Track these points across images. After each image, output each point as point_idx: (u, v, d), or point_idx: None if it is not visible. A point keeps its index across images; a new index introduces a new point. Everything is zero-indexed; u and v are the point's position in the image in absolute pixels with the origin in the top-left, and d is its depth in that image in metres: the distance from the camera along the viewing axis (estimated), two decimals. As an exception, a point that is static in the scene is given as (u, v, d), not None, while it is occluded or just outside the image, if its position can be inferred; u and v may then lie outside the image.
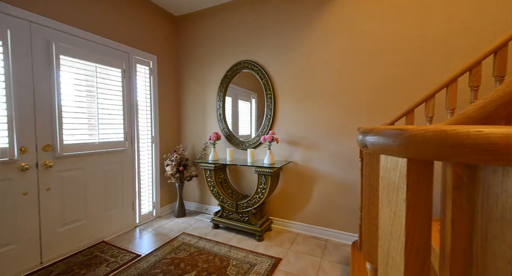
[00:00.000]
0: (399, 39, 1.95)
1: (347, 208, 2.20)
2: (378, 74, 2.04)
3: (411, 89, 1.93)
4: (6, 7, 1.58)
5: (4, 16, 1.58)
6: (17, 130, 1.63)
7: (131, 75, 2.45)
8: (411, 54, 1.92)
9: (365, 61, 2.08)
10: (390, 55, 1.99)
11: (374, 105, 2.07)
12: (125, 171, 2.42)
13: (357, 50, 2.10)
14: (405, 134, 0.32)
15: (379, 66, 2.03)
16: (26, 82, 1.68)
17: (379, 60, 2.03)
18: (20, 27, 1.66)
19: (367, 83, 2.08)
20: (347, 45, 2.13)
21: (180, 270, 1.76)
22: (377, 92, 2.05)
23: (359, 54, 2.09)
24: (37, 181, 1.75)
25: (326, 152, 2.27)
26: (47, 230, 1.82)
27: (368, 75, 2.07)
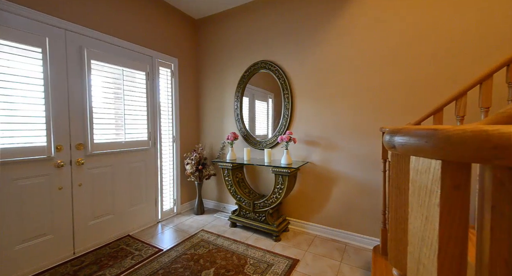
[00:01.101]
0: (425, 34, 1.84)
1: (367, 211, 2.12)
2: (401, 71, 1.94)
3: (437, 87, 1.82)
4: (45, 17, 1.73)
5: (44, 25, 1.73)
6: (54, 130, 1.79)
7: (154, 78, 2.56)
8: (437, 50, 1.80)
9: (387, 58, 1.98)
10: (414, 51, 1.88)
11: (396, 104, 1.97)
12: (148, 169, 2.54)
13: (379, 47, 2.01)
14: (440, 135, 0.30)
15: (402, 63, 1.93)
16: (62, 86, 1.83)
17: (402, 57, 1.93)
18: (57, 35, 1.81)
19: (389, 81, 1.98)
20: (368, 42, 2.05)
21: (200, 266, 1.81)
22: (400, 90, 1.95)
23: (381, 51, 2.00)
24: (71, 177, 1.90)
25: (345, 153, 2.20)
26: (79, 223, 1.97)
27: (390, 73, 1.98)
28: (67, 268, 1.77)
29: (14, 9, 1.58)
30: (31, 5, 1.67)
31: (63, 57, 1.84)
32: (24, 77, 1.63)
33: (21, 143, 1.62)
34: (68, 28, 1.86)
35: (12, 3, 1.57)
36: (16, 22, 1.60)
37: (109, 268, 1.78)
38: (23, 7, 1.62)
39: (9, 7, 1.56)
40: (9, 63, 1.56)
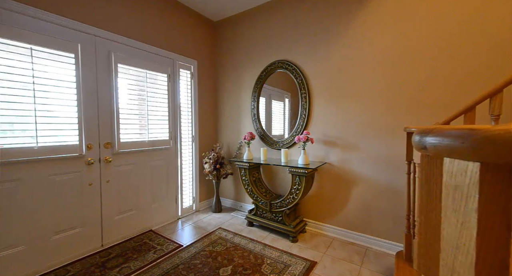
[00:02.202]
0: (449, 31, 1.72)
1: (390, 215, 2.03)
2: (427, 68, 1.83)
3: (463, 85, 1.69)
4: (77, 24, 1.86)
5: (76, 32, 1.87)
6: (85, 130, 1.92)
7: (175, 79, 2.66)
8: (469, 45, 1.67)
9: (412, 54, 1.88)
10: (439, 48, 1.77)
11: (420, 103, 1.86)
12: (169, 167, 2.64)
13: (403, 43, 1.91)
14: (479, 135, 0.28)
15: (428, 60, 1.82)
16: (92, 88, 1.96)
17: (429, 53, 1.82)
18: (88, 41, 1.94)
19: (414, 78, 1.88)
20: (391, 38, 1.96)
21: (218, 263, 1.85)
22: (425, 88, 1.84)
23: (406, 48, 1.90)
24: (100, 174, 2.04)
25: (365, 154, 2.13)
26: (106, 217, 2.10)
27: (414, 70, 1.87)
28: (96, 259, 1.90)
29: (51, 18, 1.73)
30: (65, 14, 1.80)
31: (93, 61, 1.97)
32: (59, 81, 1.77)
33: (56, 142, 1.77)
34: (98, 34, 1.99)
35: (48, 13, 1.71)
36: (52, 30, 1.74)
37: (133, 261, 1.88)
38: (59, 16, 1.76)
39: (47, 17, 1.70)
40: (47, 68, 1.70)
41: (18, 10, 1.58)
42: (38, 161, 1.68)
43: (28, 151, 1.63)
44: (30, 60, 1.62)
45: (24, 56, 1.60)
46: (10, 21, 1.55)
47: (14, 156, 1.57)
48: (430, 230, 0.44)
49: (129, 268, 1.79)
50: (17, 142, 1.59)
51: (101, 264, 1.83)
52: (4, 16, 1.53)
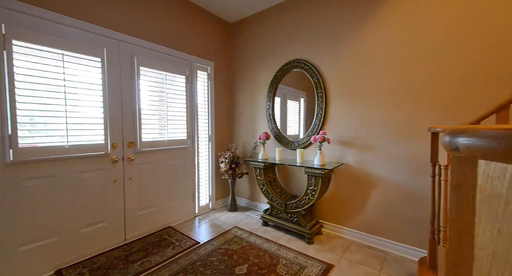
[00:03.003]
0: (477, 25, 1.60)
1: (411, 219, 1.94)
2: (450, 66, 1.72)
3: (492, 84, 1.57)
4: (103, 30, 1.98)
5: (103, 38, 1.98)
6: (110, 130, 2.03)
7: (193, 81, 2.73)
8: (493, 42, 1.55)
9: (437, 50, 1.78)
10: (464, 44, 1.65)
11: (445, 102, 1.76)
12: (187, 166, 2.72)
13: (425, 39, 1.82)
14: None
15: (454, 55, 1.72)
16: (116, 91, 2.07)
17: (451, 51, 1.72)
18: (113, 45, 2.05)
19: (437, 76, 1.78)
20: (414, 33, 1.87)
21: (233, 261, 1.87)
22: (450, 86, 1.73)
23: (429, 44, 1.81)
24: (123, 172, 2.14)
25: (385, 155, 2.05)
26: (129, 212, 2.21)
27: (439, 66, 1.77)
28: (120, 253, 2.00)
29: (81, 25, 1.85)
30: (92, 20, 1.92)
31: (117, 65, 2.07)
32: (87, 83, 1.89)
33: (84, 141, 1.89)
34: (122, 39, 2.10)
35: (79, 20, 1.83)
36: (82, 36, 1.86)
37: (153, 256, 1.96)
38: (87, 23, 1.88)
39: (78, 24, 1.83)
40: (76, 72, 1.82)
41: (52, 19, 1.71)
42: (68, 159, 1.81)
43: (60, 150, 1.75)
44: (61, 64, 1.75)
45: (57, 61, 1.73)
46: (46, 29, 1.68)
47: (47, 154, 1.70)
48: (462, 236, 0.42)
49: (150, 262, 1.87)
50: (50, 141, 1.71)
51: (124, 258, 1.93)
52: (40, 25, 1.66)
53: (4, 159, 1.53)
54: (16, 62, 1.56)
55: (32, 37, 1.62)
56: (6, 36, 1.51)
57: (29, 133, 1.64)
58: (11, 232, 1.57)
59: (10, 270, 1.57)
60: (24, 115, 1.60)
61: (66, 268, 1.77)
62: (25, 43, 1.59)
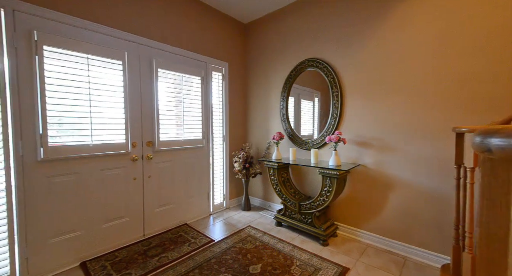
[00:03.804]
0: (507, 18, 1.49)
1: (433, 224, 1.85)
2: (476, 63, 1.62)
3: None
4: (125, 34, 2.07)
5: (124, 42, 2.07)
6: (130, 129, 2.12)
7: (208, 82, 2.78)
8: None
9: (463, 47, 1.69)
10: (495, 40, 1.55)
11: (471, 100, 1.66)
12: (202, 165, 2.78)
13: (446, 36, 1.73)
14: None
15: (477, 53, 1.62)
16: (136, 92, 2.16)
17: (478, 47, 1.61)
18: (133, 49, 2.14)
19: (461, 74, 1.68)
20: (433, 32, 1.78)
21: (247, 260, 1.89)
22: (474, 84, 1.63)
23: (456, 39, 1.71)
24: (142, 170, 2.23)
25: (405, 156, 1.97)
26: (148, 209, 2.29)
27: (468, 62, 1.68)
28: (139, 247, 2.09)
29: (104, 30, 1.94)
30: (115, 25, 2.01)
31: (137, 67, 2.16)
32: (110, 85, 1.98)
33: (107, 140, 1.98)
34: (141, 42, 2.18)
35: (102, 25, 1.93)
36: (105, 40, 1.96)
37: (170, 252, 2.02)
38: (110, 27, 1.97)
39: (101, 29, 1.92)
40: (99, 74, 1.92)
41: (79, 25, 1.81)
42: (92, 157, 1.91)
43: (85, 148, 1.85)
44: (86, 68, 1.85)
45: (82, 64, 1.83)
46: (72, 35, 1.79)
47: (74, 152, 1.80)
48: (494, 243, 0.40)
49: (167, 258, 1.93)
50: (76, 140, 1.82)
51: (143, 252, 2.01)
52: (68, 31, 1.77)
53: (35, 157, 1.65)
54: (46, 66, 1.67)
55: (61, 42, 1.72)
56: (38, 42, 1.62)
57: (57, 132, 1.75)
58: (42, 225, 1.69)
59: (42, 260, 1.69)
60: (53, 115, 1.71)
61: (90, 261, 1.88)
62: (54, 48, 1.70)
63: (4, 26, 1.51)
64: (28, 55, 1.60)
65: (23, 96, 1.59)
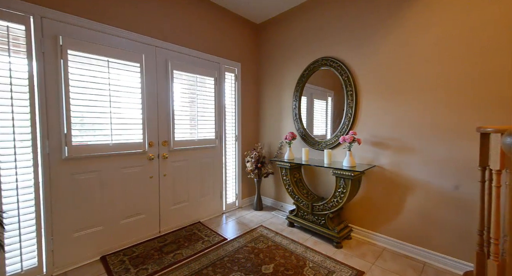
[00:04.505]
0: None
1: (454, 228, 1.77)
2: (502, 59, 1.53)
3: None
4: (142, 37, 2.14)
5: (142, 45, 2.15)
6: (147, 129, 2.19)
7: (221, 82, 2.82)
8: None
9: (488, 43, 1.59)
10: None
11: (498, 99, 1.56)
12: (215, 165, 2.82)
13: (475, 31, 1.64)
14: None
15: (504, 49, 1.52)
16: (152, 93, 2.22)
17: (504, 42, 1.52)
18: (150, 51, 2.21)
19: (489, 72, 1.59)
20: (461, 25, 1.70)
21: (260, 260, 1.90)
22: (500, 81, 1.54)
23: (479, 37, 1.63)
24: (158, 168, 2.30)
25: (424, 157, 1.90)
26: (164, 206, 2.36)
27: (489, 61, 1.58)
28: (155, 244, 2.16)
29: (123, 34, 2.02)
30: (133, 29, 2.09)
31: (153, 69, 2.23)
32: (128, 87, 2.06)
33: (126, 140, 2.06)
34: (157, 45, 2.25)
35: (121, 29, 2.01)
36: (124, 44, 2.04)
37: (185, 249, 2.07)
38: (129, 31, 2.05)
39: (120, 33, 2.00)
40: (119, 76, 2.00)
41: (100, 29, 1.90)
42: (112, 155, 1.99)
43: (105, 147, 1.94)
44: (107, 70, 1.93)
45: (103, 67, 1.91)
46: (94, 39, 1.88)
47: (95, 151, 1.89)
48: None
49: (181, 254, 1.98)
50: (97, 140, 1.91)
51: (159, 249, 2.07)
52: (90, 35, 1.86)
53: (60, 156, 1.75)
54: (70, 69, 1.76)
55: (83, 47, 1.81)
56: (63, 46, 1.72)
57: (79, 132, 1.84)
58: (66, 219, 1.79)
59: (66, 253, 1.79)
60: (76, 116, 1.80)
61: (110, 255, 1.96)
62: (78, 52, 1.79)
63: (33, 32, 1.61)
64: (54, 59, 1.70)
65: (50, 98, 1.69)
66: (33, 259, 1.65)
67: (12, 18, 1.54)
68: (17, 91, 1.57)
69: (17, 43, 1.56)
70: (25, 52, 1.59)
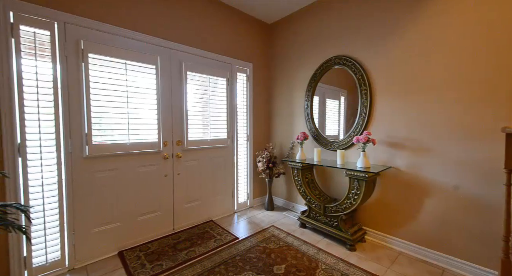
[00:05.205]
0: None
1: (478, 234, 1.68)
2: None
3: None
4: (158, 40, 2.20)
5: (157, 47, 2.21)
6: (162, 129, 2.25)
7: (233, 83, 2.84)
8: None
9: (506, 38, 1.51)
10: None
11: None
12: (227, 164, 2.85)
13: (503, 23, 1.55)
14: None
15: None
16: (167, 94, 2.28)
17: None
18: (165, 54, 2.26)
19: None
20: (485, 17, 1.61)
21: (271, 260, 1.90)
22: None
23: (506, 29, 1.54)
24: (172, 167, 2.36)
25: (443, 158, 1.82)
26: (177, 204, 2.42)
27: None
28: (169, 241, 2.21)
29: (140, 37, 2.09)
30: (149, 32, 2.15)
31: (168, 71, 2.29)
32: (144, 88, 2.12)
33: (142, 139, 2.13)
34: (172, 47, 2.30)
35: (138, 33, 2.08)
36: (141, 47, 2.10)
37: (198, 246, 2.11)
38: (145, 34, 2.12)
39: (137, 36, 2.07)
40: (135, 78, 2.07)
41: (119, 33, 1.97)
42: (129, 155, 2.07)
43: (123, 146, 2.01)
44: (124, 72, 2.00)
45: (121, 69, 1.98)
46: (113, 43, 1.95)
47: (113, 150, 1.97)
48: None
49: (195, 252, 2.02)
50: (115, 139, 1.98)
51: (173, 245, 2.12)
52: (109, 39, 1.94)
53: (81, 154, 1.83)
54: (91, 72, 1.84)
55: (103, 50, 1.89)
56: (84, 50, 1.80)
57: (98, 132, 1.92)
58: (87, 215, 1.88)
59: (86, 247, 1.88)
60: (95, 116, 1.88)
61: (127, 250, 2.04)
62: (98, 55, 1.87)
63: (57, 37, 1.70)
64: (76, 62, 1.79)
65: (72, 99, 1.78)
66: (56, 252, 1.75)
67: (39, 25, 1.63)
68: (42, 93, 1.66)
69: (42, 47, 1.66)
70: (50, 56, 1.68)
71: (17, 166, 1.57)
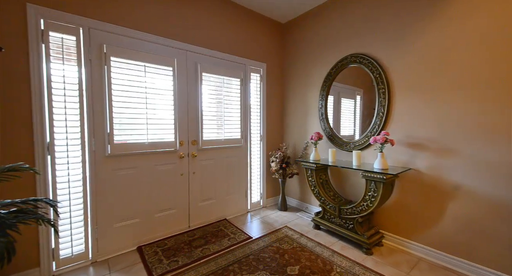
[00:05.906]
0: None
1: (506, 241, 1.58)
2: None
3: None
4: (175, 43, 2.26)
5: (174, 50, 2.27)
6: (178, 129, 2.31)
7: (246, 83, 2.86)
8: None
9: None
10: None
11: None
12: (240, 164, 2.88)
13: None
14: None
15: None
16: (183, 95, 2.34)
17: None
18: (181, 55, 2.32)
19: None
20: (505, 15, 1.51)
21: (285, 261, 1.89)
22: None
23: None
24: (188, 166, 2.42)
25: (468, 160, 1.72)
26: (193, 202, 2.48)
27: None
28: (184, 238, 2.27)
29: (158, 40, 2.16)
30: (166, 34, 2.22)
31: (184, 72, 2.34)
32: (162, 90, 2.19)
33: (159, 139, 2.20)
34: (188, 49, 2.36)
35: (156, 36, 2.15)
36: (158, 49, 2.17)
37: (212, 244, 2.15)
38: (163, 37, 2.19)
39: (155, 39, 2.14)
40: (154, 80, 2.14)
41: (138, 37, 2.05)
42: (147, 153, 2.14)
43: (141, 146, 2.09)
44: (144, 74, 2.08)
45: (140, 72, 2.06)
46: (133, 46, 2.04)
47: (133, 149, 2.05)
48: None
49: (209, 249, 2.06)
50: (134, 139, 2.06)
51: (188, 242, 2.18)
52: (130, 43, 2.02)
53: (104, 153, 1.93)
54: (113, 74, 1.93)
55: (124, 53, 1.97)
56: (106, 54, 1.89)
57: (119, 132, 2.00)
58: (108, 211, 1.97)
59: (109, 241, 1.97)
60: (117, 117, 1.97)
61: (145, 246, 2.12)
62: (119, 59, 1.96)
63: (83, 42, 1.80)
64: (99, 65, 1.88)
65: (96, 101, 1.88)
66: (81, 245, 1.85)
67: (66, 31, 1.74)
68: (69, 95, 1.76)
69: (69, 52, 1.76)
70: (75, 60, 1.79)
71: (46, 164, 1.68)
